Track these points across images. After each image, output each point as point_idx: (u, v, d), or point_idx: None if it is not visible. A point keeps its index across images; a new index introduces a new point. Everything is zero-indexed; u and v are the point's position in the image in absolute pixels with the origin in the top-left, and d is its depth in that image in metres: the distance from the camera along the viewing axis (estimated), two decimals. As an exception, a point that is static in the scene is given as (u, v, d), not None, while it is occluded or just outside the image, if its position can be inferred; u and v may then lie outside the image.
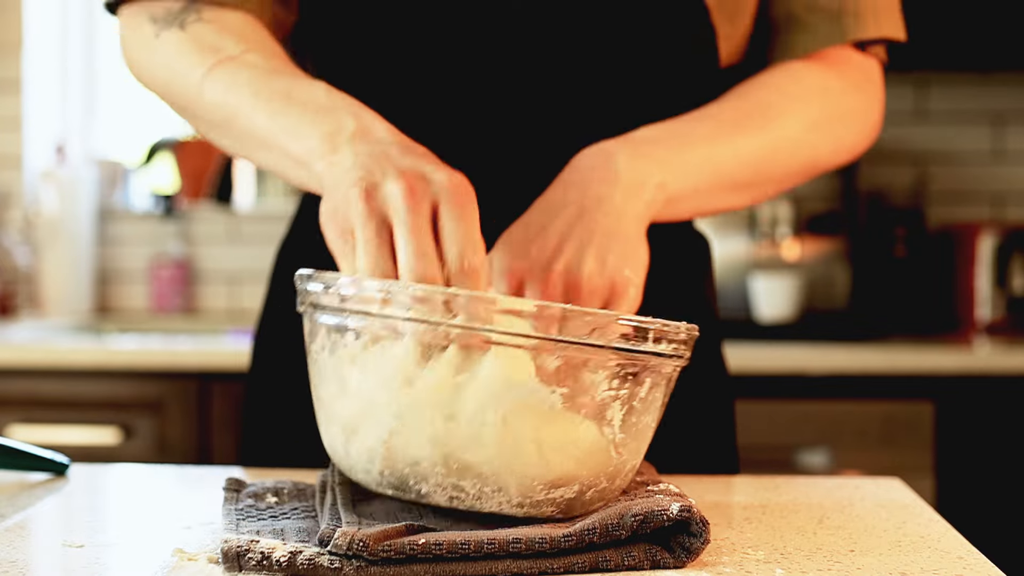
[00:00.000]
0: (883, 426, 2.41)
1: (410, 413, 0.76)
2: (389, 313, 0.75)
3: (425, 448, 0.76)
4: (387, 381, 0.76)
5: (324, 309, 0.80)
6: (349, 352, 0.79)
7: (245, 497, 0.88)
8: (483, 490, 0.77)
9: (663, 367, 0.79)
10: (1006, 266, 2.76)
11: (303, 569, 0.72)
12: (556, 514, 0.79)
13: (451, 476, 0.77)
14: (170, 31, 1.02)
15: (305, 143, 0.90)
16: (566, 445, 0.77)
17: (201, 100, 1.00)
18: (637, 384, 0.78)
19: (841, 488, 0.99)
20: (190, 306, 3.12)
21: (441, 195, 0.81)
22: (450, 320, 0.74)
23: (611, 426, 0.78)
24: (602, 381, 0.76)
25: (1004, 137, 3.01)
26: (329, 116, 0.90)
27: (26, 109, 3.05)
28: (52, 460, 1.01)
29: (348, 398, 0.79)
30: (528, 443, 0.76)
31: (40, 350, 2.47)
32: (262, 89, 0.95)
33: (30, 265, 3.03)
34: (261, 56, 0.99)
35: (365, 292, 0.76)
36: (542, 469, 0.76)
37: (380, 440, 0.78)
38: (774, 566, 0.76)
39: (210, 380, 2.43)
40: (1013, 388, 2.40)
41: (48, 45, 3.11)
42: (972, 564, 0.77)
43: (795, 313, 2.65)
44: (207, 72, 0.99)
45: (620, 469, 0.80)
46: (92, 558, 0.77)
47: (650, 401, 0.80)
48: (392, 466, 0.78)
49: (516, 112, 1.06)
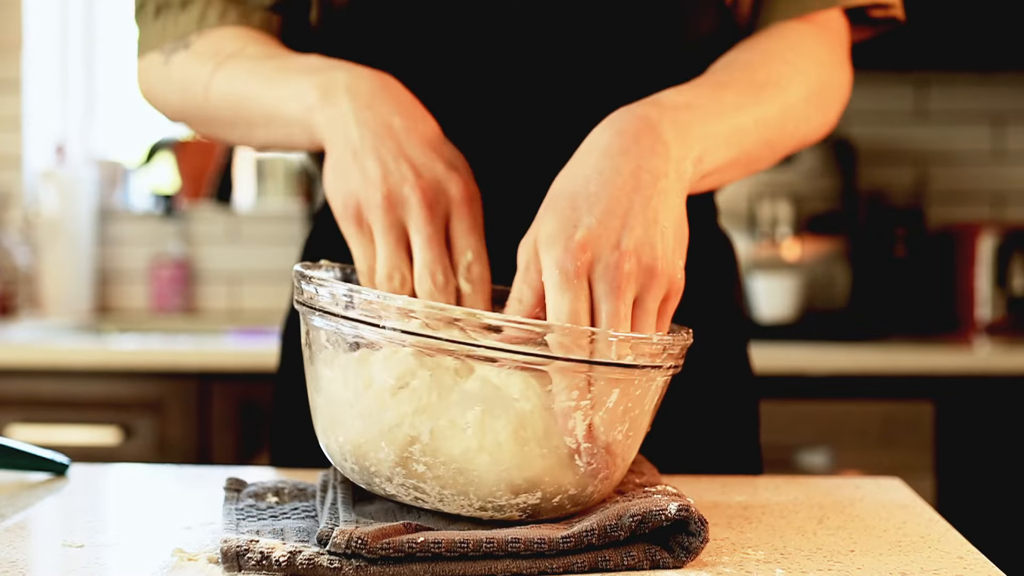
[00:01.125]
0: (883, 426, 2.41)
1: (370, 416, 0.77)
2: (353, 316, 0.77)
3: (383, 450, 0.77)
4: (352, 384, 0.78)
5: (308, 308, 0.81)
6: (325, 353, 0.80)
7: (245, 497, 0.88)
8: (443, 493, 0.77)
9: (632, 378, 0.77)
10: (1006, 266, 2.76)
11: (302, 569, 0.72)
12: (526, 518, 0.79)
13: (411, 478, 0.77)
14: (177, 54, 1.08)
15: (303, 100, 0.94)
16: (524, 454, 0.76)
17: (209, 101, 1.04)
18: (604, 394, 0.77)
19: (841, 488, 0.99)
20: (190, 306, 3.12)
21: (454, 206, 0.89)
22: (406, 327, 0.75)
23: (572, 435, 0.77)
24: (561, 392, 0.76)
25: (1004, 137, 3.01)
26: (321, 73, 0.95)
27: (26, 109, 3.05)
28: (52, 460, 1.01)
29: (321, 396, 0.82)
30: (482, 452, 0.76)
31: (40, 350, 2.47)
32: (260, 70, 1.00)
33: (30, 265, 3.03)
34: (259, 48, 1.03)
35: (334, 295, 0.78)
36: (499, 477, 0.76)
37: (348, 440, 0.80)
38: (774, 566, 0.76)
39: (210, 380, 2.43)
40: (1013, 388, 2.40)
41: (48, 45, 3.11)
42: (972, 564, 0.77)
43: (795, 313, 2.65)
44: (211, 73, 1.03)
45: (591, 476, 0.79)
46: (92, 558, 0.77)
47: (624, 411, 0.78)
48: (360, 464, 0.79)
49: (527, 88, 1.05)
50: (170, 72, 1.08)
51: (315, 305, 0.79)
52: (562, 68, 1.05)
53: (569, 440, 0.77)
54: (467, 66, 1.05)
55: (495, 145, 1.06)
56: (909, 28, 1.18)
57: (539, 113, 1.06)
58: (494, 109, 1.06)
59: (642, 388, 0.79)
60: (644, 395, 0.79)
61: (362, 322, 0.76)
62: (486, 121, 1.06)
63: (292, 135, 0.98)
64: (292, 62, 0.99)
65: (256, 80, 1.00)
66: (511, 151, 1.06)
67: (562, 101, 1.06)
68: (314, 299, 0.79)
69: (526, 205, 0.94)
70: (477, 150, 1.00)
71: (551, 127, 1.05)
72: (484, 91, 1.05)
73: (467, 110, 1.05)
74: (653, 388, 0.80)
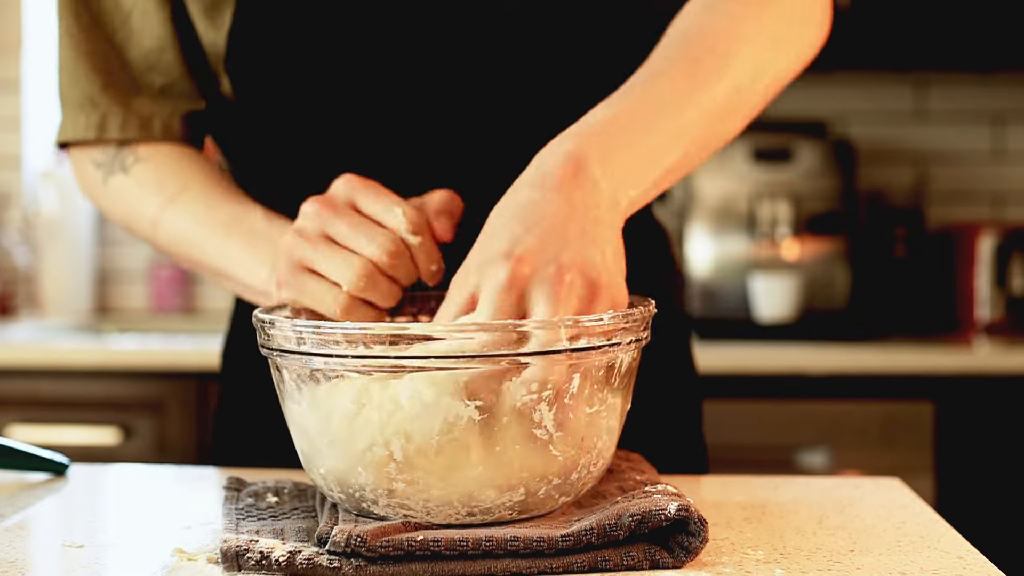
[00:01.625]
0: (883, 426, 2.41)
1: (342, 445, 0.78)
2: (305, 350, 0.78)
3: (362, 475, 0.78)
4: (318, 416, 0.79)
5: (269, 350, 0.82)
6: (291, 389, 0.81)
7: (245, 497, 0.88)
8: (428, 506, 0.77)
9: (589, 361, 0.77)
10: (1006, 266, 2.76)
11: (302, 568, 0.72)
12: (517, 516, 0.79)
13: (395, 497, 0.77)
14: (115, 177, 1.09)
15: (256, 274, 1.00)
16: (497, 455, 0.76)
17: (156, 239, 1.09)
18: (564, 381, 0.77)
19: (841, 488, 0.99)
20: (190, 306, 3.12)
21: (356, 195, 0.90)
22: (356, 352, 0.75)
23: (542, 427, 0.77)
24: (519, 387, 0.76)
25: (1004, 137, 3.01)
26: (267, 243, 0.99)
27: (26, 109, 3.05)
28: (52, 460, 1.01)
29: (297, 431, 0.83)
30: (454, 460, 0.76)
31: (40, 350, 2.47)
32: (206, 223, 1.04)
33: (30, 265, 3.03)
34: (200, 190, 1.06)
35: (284, 332, 0.79)
36: (478, 481, 0.76)
37: (329, 470, 0.80)
38: (774, 566, 0.76)
39: (210, 380, 2.43)
40: (1013, 388, 2.40)
41: (48, 45, 3.11)
42: (972, 564, 0.77)
43: (795, 313, 2.65)
44: (156, 215, 1.07)
45: (571, 463, 0.79)
46: (92, 558, 0.77)
47: (588, 394, 0.78)
48: (346, 491, 0.80)
49: (469, 103, 1.03)
50: (110, 194, 1.10)
51: (273, 346, 0.81)
52: (501, 74, 1.03)
53: (540, 432, 0.77)
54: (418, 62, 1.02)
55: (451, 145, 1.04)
56: (909, 28, 1.17)
57: (479, 128, 1.04)
58: (446, 105, 1.03)
59: (605, 368, 0.79)
60: (611, 374, 0.80)
61: (313, 354, 0.77)
62: (440, 119, 1.04)
63: (249, 295, 1.03)
64: (237, 220, 1.02)
65: (204, 235, 1.04)
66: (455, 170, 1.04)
67: (502, 114, 1.04)
68: (271, 341, 0.81)
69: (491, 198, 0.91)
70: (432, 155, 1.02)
71: (491, 143, 1.04)
72: (433, 87, 1.03)
73: (418, 111, 1.03)
74: (620, 365, 0.80)
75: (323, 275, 0.89)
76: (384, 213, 0.89)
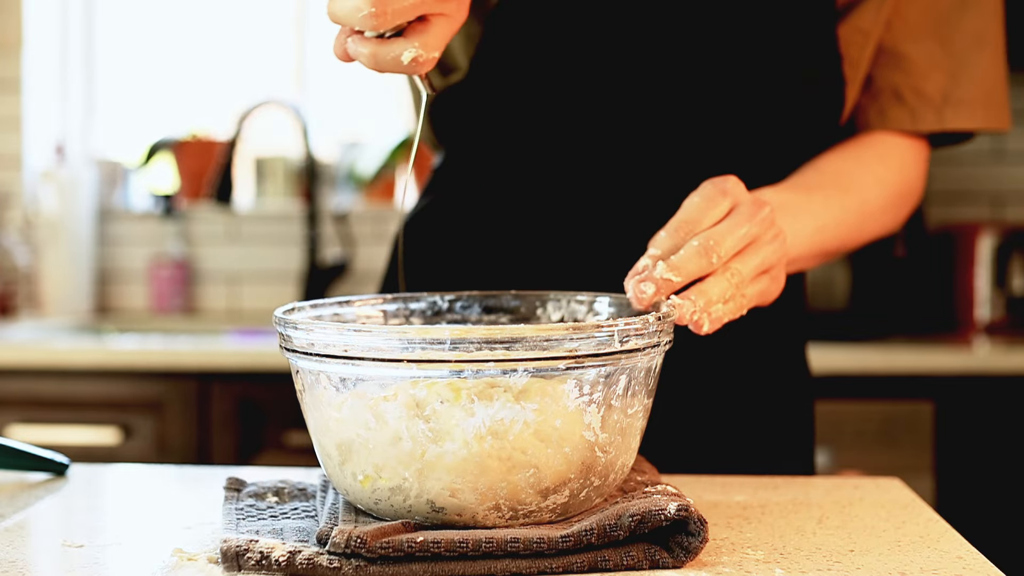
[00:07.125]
0: (883, 426, 2.41)
1: (385, 449, 0.77)
2: (350, 355, 0.76)
3: (407, 480, 0.77)
4: (359, 421, 0.77)
5: (295, 352, 0.80)
6: (325, 394, 0.79)
7: (245, 497, 0.88)
8: (476, 510, 0.77)
9: (636, 362, 0.79)
10: (1006, 266, 2.76)
11: (302, 569, 0.72)
12: (556, 518, 0.79)
13: (440, 500, 0.77)
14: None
15: None
16: (549, 456, 0.77)
17: None
18: (610, 385, 0.78)
19: (841, 488, 0.99)
20: (190, 306, 3.12)
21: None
22: (409, 357, 0.75)
23: (591, 430, 0.78)
24: (572, 390, 0.76)
25: (1004, 137, 3.01)
26: None
27: (26, 109, 3.05)
28: (52, 460, 1.01)
29: (330, 434, 0.80)
30: (508, 460, 0.76)
31: (40, 350, 2.47)
32: None
33: (30, 265, 3.03)
34: None
35: (326, 339, 0.77)
36: (527, 483, 0.77)
37: (363, 472, 0.79)
38: (774, 566, 0.76)
39: (210, 380, 2.43)
40: (1013, 388, 2.40)
41: (48, 45, 3.11)
42: (972, 564, 0.77)
43: (795, 313, 2.65)
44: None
45: (611, 465, 0.80)
46: (92, 558, 0.77)
47: (631, 396, 0.80)
48: (388, 498, 0.78)
49: (648, 142, 1.13)
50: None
51: (302, 349, 0.79)
52: (694, 109, 1.12)
53: (588, 434, 0.78)
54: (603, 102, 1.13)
55: (618, 176, 1.14)
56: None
57: (663, 152, 1.13)
58: (627, 138, 1.14)
59: (645, 371, 0.81)
60: (648, 376, 0.82)
61: (365, 359, 0.76)
62: (616, 151, 1.14)
63: None
64: None
65: None
66: (631, 179, 1.14)
67: (687, 141, 1.13)
68: (299, 342, 0.79)
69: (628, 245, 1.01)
70: (600, 177, 1.13)
71: (647, 180, 1.13)
72: (618, 122, 1.13)
73: (600, 138, 1.14)
74: (655, 367, 0.83)
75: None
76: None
